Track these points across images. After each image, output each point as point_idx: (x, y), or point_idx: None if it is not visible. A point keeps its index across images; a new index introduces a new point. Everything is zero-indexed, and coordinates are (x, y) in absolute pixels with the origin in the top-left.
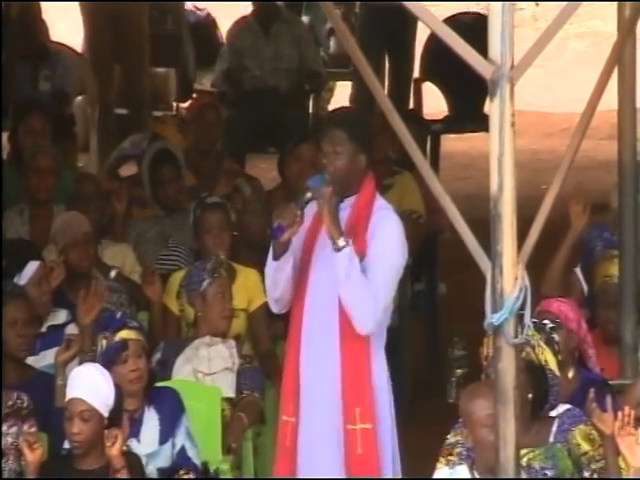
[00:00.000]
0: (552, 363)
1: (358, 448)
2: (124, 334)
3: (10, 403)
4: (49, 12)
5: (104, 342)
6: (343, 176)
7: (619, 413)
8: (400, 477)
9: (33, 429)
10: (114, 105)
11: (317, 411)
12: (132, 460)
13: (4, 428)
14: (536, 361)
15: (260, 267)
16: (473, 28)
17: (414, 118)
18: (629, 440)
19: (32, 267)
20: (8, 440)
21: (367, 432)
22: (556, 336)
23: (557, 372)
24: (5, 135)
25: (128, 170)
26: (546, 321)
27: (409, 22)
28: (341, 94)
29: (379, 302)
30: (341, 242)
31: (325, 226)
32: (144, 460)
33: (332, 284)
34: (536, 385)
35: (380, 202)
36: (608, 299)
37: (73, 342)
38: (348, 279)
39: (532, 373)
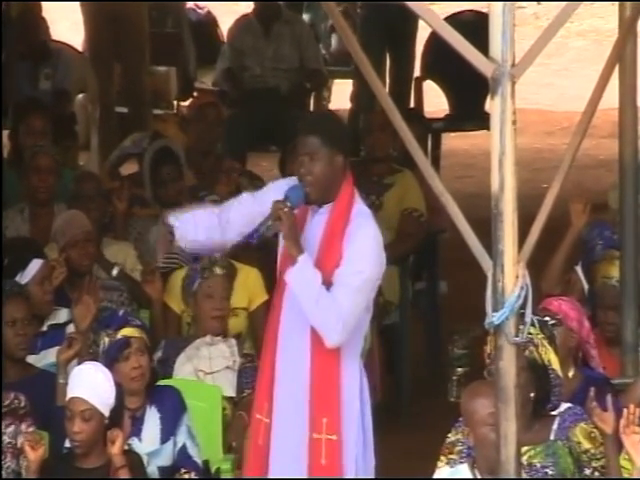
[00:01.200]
0: (555, 363)
1: (322, 459)
2: (126, 331)
3: (7, 402)
4: (50, 11)
5: (106, 339)
6: (322, 181)
7: (624, 411)
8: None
9: (31, 429)
10: (115, 104)
11: (288, 416)
12: (133, 459)
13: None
14: (539, 360)
15: (260, 266)
16: (474, 26)
17: (415, 116)
18: (634, 438)
19: (35, 265)
20: (5, 439)
21: (332, 443)
22: (556, 333)
23: (560, 372)
24: (5, 133)
25: (129, 169)
26: (547, 318)
27: (409, 20)
28: (340, 92)
29: (344, 315)
30: (300, 258)
31: (285, 244)
32: (145, 459)
33: None
34: (538, 384)
35: (358, 207)
36: (607, 301)
37: (75, 341)
38: (303, 295)
39: (535, 372)
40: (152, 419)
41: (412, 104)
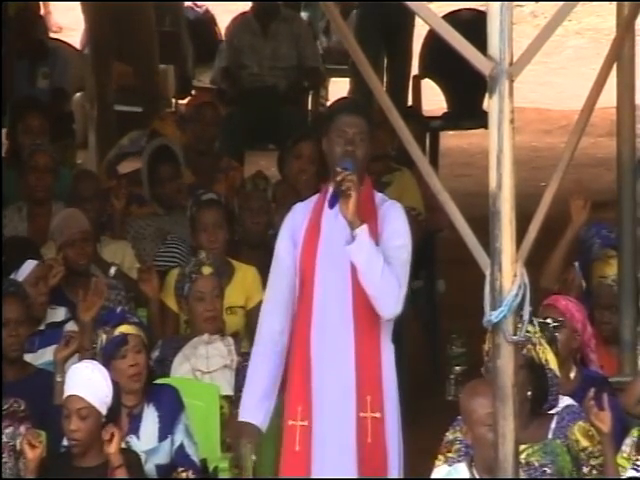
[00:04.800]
0: (553, 363)
1: (368, 437)
2: (124, 329)
3: (6, 406)
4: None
5: (104, 337)
6: (363, 164)
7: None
8: (400, 476)
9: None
10: (113, 102)
11: (331, 406)
12: (130, 457)
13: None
14: (537, 360)
15: (259, 265)
16: (472, 24)
17: (413, 115)
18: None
19: (29, 266)
20: (3, 439)
21: (376, 421)
22: (558, 335)
23: (557, 372)
24: (3, 132)
25: (127, 167)
26: (549, 320)
27: (406, 18)
28: (337, 91)
29: (403, 287)
30: (359, 230)
31: (348, 214)
32: (143, 457)
33: (342, 279)
34: (536, 384)
35: (379, 195)
36: (602, 300)
37: (72, 339)
38: (370, 265)
39: (533, 371)
40: (150, 417)
41: (410, 102)
